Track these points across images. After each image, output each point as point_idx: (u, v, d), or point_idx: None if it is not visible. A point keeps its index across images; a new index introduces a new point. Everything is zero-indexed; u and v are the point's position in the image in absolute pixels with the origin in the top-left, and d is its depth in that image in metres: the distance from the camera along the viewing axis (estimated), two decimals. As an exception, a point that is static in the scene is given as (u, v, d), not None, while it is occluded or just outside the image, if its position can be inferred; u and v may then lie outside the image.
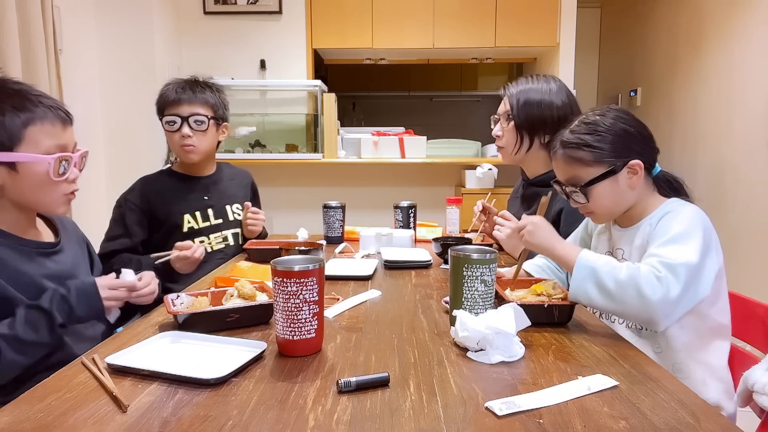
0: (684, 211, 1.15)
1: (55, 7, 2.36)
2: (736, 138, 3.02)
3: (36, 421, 0.70)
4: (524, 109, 1.64)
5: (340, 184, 3.74)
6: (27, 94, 1.09)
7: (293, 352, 0.92)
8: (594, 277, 1.07)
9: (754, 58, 2.88)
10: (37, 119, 1.07)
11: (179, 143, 1.70)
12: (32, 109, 1.07)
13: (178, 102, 1.69)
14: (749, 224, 2.82)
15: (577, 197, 1.22)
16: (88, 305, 1.07)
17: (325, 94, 3.41)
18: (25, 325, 1.00)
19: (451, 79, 6.05)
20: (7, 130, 1.05)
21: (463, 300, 1.02)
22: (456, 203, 2.10)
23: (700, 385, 1.12)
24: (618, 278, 1.04)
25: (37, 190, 1.09)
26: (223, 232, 1.79)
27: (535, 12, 3.61)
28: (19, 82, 1.13)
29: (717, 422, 0.70)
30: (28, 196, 1.09)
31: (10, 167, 1.06)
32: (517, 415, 0.72)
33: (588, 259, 1.09)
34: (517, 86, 1.68)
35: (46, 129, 1.08)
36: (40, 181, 1.08)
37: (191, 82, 1.73)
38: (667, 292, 1.02)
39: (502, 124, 1.71)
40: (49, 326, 1.02)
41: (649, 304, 1.02)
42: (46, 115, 1.09)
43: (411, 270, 1.57)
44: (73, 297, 1.05)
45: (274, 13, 3.61)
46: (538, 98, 1.64)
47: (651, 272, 1.04)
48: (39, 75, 2.18)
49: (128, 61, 3.01)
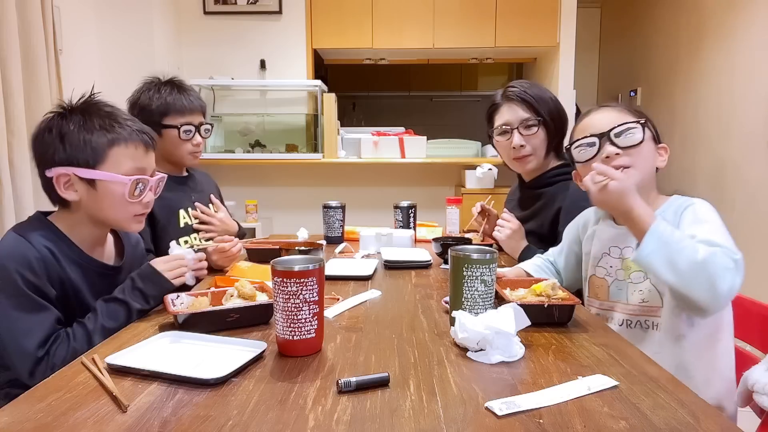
0: (710, 207, 1.16)
1: (55, 7, 2.36)
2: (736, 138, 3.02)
3: (36, 421, 0.70)
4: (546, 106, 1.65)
5: (340, 184, 3.74)
6: (116, 116, 1.16)
7: (293, 352, 0.92)
8: (666, 250, 1.01)
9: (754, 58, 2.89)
10: (122, 141, 1.14)
11: (190, 150, 1.73)
12: (119, 130, 1.14)
13: (191, 110, 1.71)
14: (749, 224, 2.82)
15: (629, 137, 1.17)
16: (154, 284, 1.16)
17: (325, 94, 3.41)
18: (107, 316, 1.10)
19: (451, 79, 6.05)
20: (92, 149, 1.12)
21: (463, 300, 1.02)
22: (456, 203, 2.10)
23: (703, 385, 1.12)
24: (694, 259, 1.00)
25: (111, 208, 1.15)
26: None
27: (535, 12, 3.61)
28: (112, 105, 1.20)
29: (717, 422, 0.70)
30: (102, 212, 1.16)
31: (90, 184, 1.13)
32: (517, 415, 0.72)
33: (663, 231, 1.03)
34: (514, 89, 1.68)
35: (129, 151, 1.15)
36: (115, 200, 1.14)
37: (183, 87, 1.74)
38: (732, 285, 1.00)
39: (521, 132, 1.66)
40: (127, 313, 1.12)
41: (717, 294, 1.00)
42: (131, 138, 1.16)
43: (411, 270, 1.56)
44: (139, 283, 1.15)
45: (274, 13, 3.61)
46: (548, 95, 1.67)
47: (721, 262, 1.00)
48: (39, 75, 2.18)
49: (128, 61, 3.01)
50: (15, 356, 1.03)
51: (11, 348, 1.03)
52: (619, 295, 1.25)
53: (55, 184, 1.13)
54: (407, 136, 3.52)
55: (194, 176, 1.87)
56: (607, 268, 1.27)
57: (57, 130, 1.12)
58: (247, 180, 3.69)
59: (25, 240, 1.08)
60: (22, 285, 1.04)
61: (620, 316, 1.24)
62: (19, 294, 1.03)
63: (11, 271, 1.04)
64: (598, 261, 1.29)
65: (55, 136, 1.11)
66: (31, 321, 1.03)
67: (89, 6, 2.90)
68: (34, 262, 1.06)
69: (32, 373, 1.02)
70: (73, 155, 1.11)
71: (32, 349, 1.02)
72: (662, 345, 1.16)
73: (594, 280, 1.31)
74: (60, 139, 1.11)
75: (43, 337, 1.04)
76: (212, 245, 1.55)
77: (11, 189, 2.04)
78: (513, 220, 1.68)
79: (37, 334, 1.03)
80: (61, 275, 1.11)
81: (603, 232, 1.31)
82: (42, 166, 1.14)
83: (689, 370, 1.14)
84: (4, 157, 2.01)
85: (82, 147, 1.11)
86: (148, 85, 1.71)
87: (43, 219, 1.16)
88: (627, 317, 1.23)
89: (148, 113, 1.67)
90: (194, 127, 1.72)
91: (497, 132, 1.72)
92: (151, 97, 1.68)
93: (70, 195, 1.13)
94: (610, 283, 1.26)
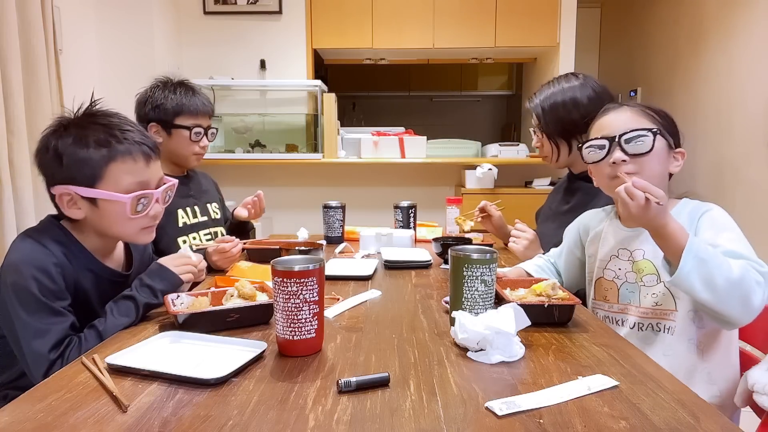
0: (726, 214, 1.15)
1: (55, 7, 2.36)
2: (736, 138, 3.02)
3: (36, 421, 0.70)
4: (551, 115, 1.60)
5: (340, 184, 3.74)
6: (114, 129, 1.12)
7: (293, 352, 0.92)
8: (704, 269, 0.99)
9: (754, 58, 2.89)
10: (119, 156, 1.10)
11: (196, 152, 1.75)
12: (115, 145, 1.10)
13: (203, 113, 1.74)
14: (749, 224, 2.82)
15: (638, 144, 1.14)
16: (162, 280, 1.17)
17: (325, 94, 3.41)
18: (117, 315, 1.09)
19: (451, 79, 6.05)
20: (90, 167, 1.08)
21: (463, 300, 1.02)
22: (456, 203, 2.10)
23: (706, 385, 1.12)
24: (730, 277, 0.98)
25: (116, 224, 1.14)
26: (210, 229, 1.82)
27: (535, 12, 3.61)
28: (110, 115, 1.16)
29: (717, 422, 0.70)
30: (109, 229, 1.15)
31: (92, 202, 1.11)
32: (517, 415, 0.72)
33: (699, 248, 1.00)
34: (540, 94, 1.63)
35: (128, 166, 1.11)
36: (118, 218, 1.13)
37: (195, 89, 1.76)
38: (763, 299, 1.00)
39: (538, 135, 1.67)
40: (137, 309, 1.11)
41: (751, 310, 1.00)
42: (129, 152, 1.11)
43: (411, 270, 1.56)
44: (148, 280, 1.15)
45: (274, 13, 3.61)
46: (561, 99, 1.58)
47: (753, 278, 1.00)
48: (39, 75, 2.18)
49: (128, 61, 3.01)
50: (29, 360, 1.03)
51: (26, 352, 1.03)
52: (631, 297, 1.23)
53: (58, 202, 1.11)
54: (407, 136, 3.52)
55: (194, 176, 1.88)
56: (615, 270, 1.25)
57: (53, 150, 1.09)
58: (247, 180, 3.69)
59: (41, 245, 1.08)
60: (38, 291, 1.03)
61: (632, 318, 1.22)
62: (34, 300, 1.03)
63: (27, 277, 1.03)
64: (606, 264, 1.27)
65: (52, 156, 1.08)
66: (45, 326, 1.03)
67: (89, 6, 2.90)
68: (52, 268, 1.06)
69: (46, 376, 1.01)
70: (72, 174, 1.08)
71: (45, 353, 1.01)
72: (672, 347, 1.15)
73: (602, 282, 1.29)
74: (58, 158, 1.08)
75: (57, 340, 1.03)
76: (212, 245, 1.55)
77: (11, 189, 2.04)
78: (527, 229, 1.69)
79: (51, 338, 1.02)
80: (75, 281, 1.11)
81: (610, 235, 1.29)
82: (47, 184, 1.13)
83: (697, 371, 1.13)
84: (4, 157, 2.01)
85: (79, 165, 1.08)
86: (162, 83, 1.73)
87: (57, 224, 1.15)
88: (639, 320, 1.21)
89: (162, 111, 1.69)
90: (203, 129, 1.74)
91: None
92: (166, 96, 1.70)
93: (75, 213, 1.11)
94: (620, 285, 1.25)
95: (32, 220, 2.05)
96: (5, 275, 1.05)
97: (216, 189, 1.98)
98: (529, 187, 3.49)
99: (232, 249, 1.55)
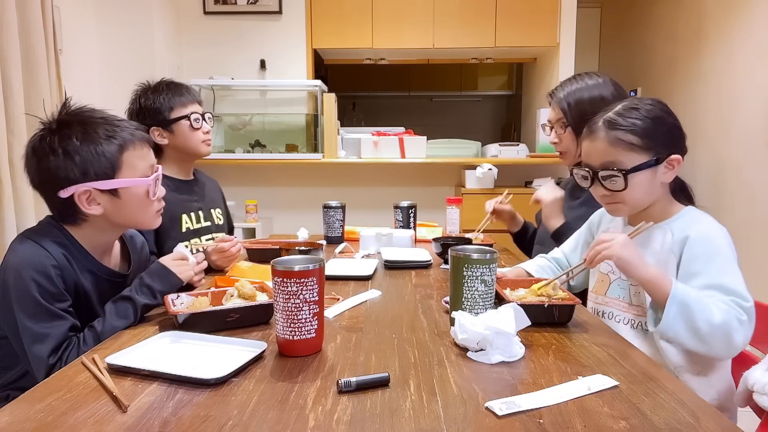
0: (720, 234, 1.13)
1: (55, 7, 2.36)
2: (736, 138, 3.02)
3: (36, 421, 0.70)
4: (577, 110, 1.59)
5: (340, 184, 3.74)
6: (113, 121, 1.14)
7: (293, 352, 0.92)
8: (687, 315, 1.02)
9: (753, 58, 2.88)
10: (129, 144, 1.14)
11: (202, 138, 1.75)
12: (122, 134, 1.13)
13: (191, 100, 1.74)
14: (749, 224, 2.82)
15: (613, 183, 1.15)
16: (161, 280, 1.17)
17: (325, 94, 3.41)
18: (116, 315, 1.10)
19: (451, 79, 6.05)
20: (107, 158, 1.10)
21: (463, 300, 1.02)
22: (456, 203, 2.10)
23: (703, 385, 1.12)
24: (712, 321, 1.01)
25: (139, 211, 1.17)
26: (213, 234, 1.82)
27: (535, 12, 3.61)
28: (94, 110, 1.18)
29: (717, 422, 0.70)
30: (129, 218, 1.16)
31: (112, 193, 1.12)
32: (517, 415, 0.72)
33: (683, 293, 1.03)
34: (564, 89, 1.63)
35: (137, 152, 1.15)
36: (141, 203, 1.15)
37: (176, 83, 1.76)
38: (746, 337, 1.03)
39: (558, 131, 1.66)
40: (135, 311, 1.11)
41: (734, 349, 1.04)
42: (134, 138, 1.15)
43: (411, 270, 1.57)
44: (148, 280, 1.16)
45: (274, 13, 3.61)
46: (588, 96, 1.59)
47: (736, 317, 1.02)
48: (39, 75, 2.18)
49: (128, 61, 3.01)
50: (31, 362, 1.03)
51: (28, 354, 1.03)
52: (619, 293, 1.24)
53: (77, 202, 1.10)
54: (407, 136, 3.51)
55: (200, 181, 1.87)
56: (612, 265, 1.26)
57: (60, 149, 1.07)
58: (247, 180, 3.69)
59: (41, 247, 1.07)
60: (37, 293, 1.03)
61: (618, 313, 1.24)
62: (34, 303, 1.03)
63: (27, 279, 1.03)
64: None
65: (61, 155, 1.07)
66: (45, 330, 1.03)
67: (89, 6, 2.90)
68: (51, 270, 1.05)
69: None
70: (88, 170, 1.08)
71: (45, 357, 1.02)
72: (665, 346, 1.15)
73: (598, 274, 1.31)
74: (68, 157, 1.07)
75: (56, 344, 1.03)
76: (212, 245, 1.55)
77: (11, 189, 2.04)
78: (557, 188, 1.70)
79: (50, 343, 1.03)
80: (76, 282, 1.11)
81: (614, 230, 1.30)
82: (52, 188, 1.10)
83: (690, 370, 1.14)
84: (4, 157, 2.01)
85: (95, 159, 1.09)
86: (144, 90, 1.73)
87: (56, 225, 1.14)
88: (624, 315, 1.22)
89: (156, 112, 1.69)
90: (200, 114, 1.75)
91: None
92: (153, 99, 1.70)
93: (95, 209, 1.11)
94: (612, 280, 1.26)
95: (32, 220, 2.05)
96: (5, 277, 1.05)
97: (222, 198, 1.98)
98: (529, 187, 3.49)
99: (231, 248, 1.55)
